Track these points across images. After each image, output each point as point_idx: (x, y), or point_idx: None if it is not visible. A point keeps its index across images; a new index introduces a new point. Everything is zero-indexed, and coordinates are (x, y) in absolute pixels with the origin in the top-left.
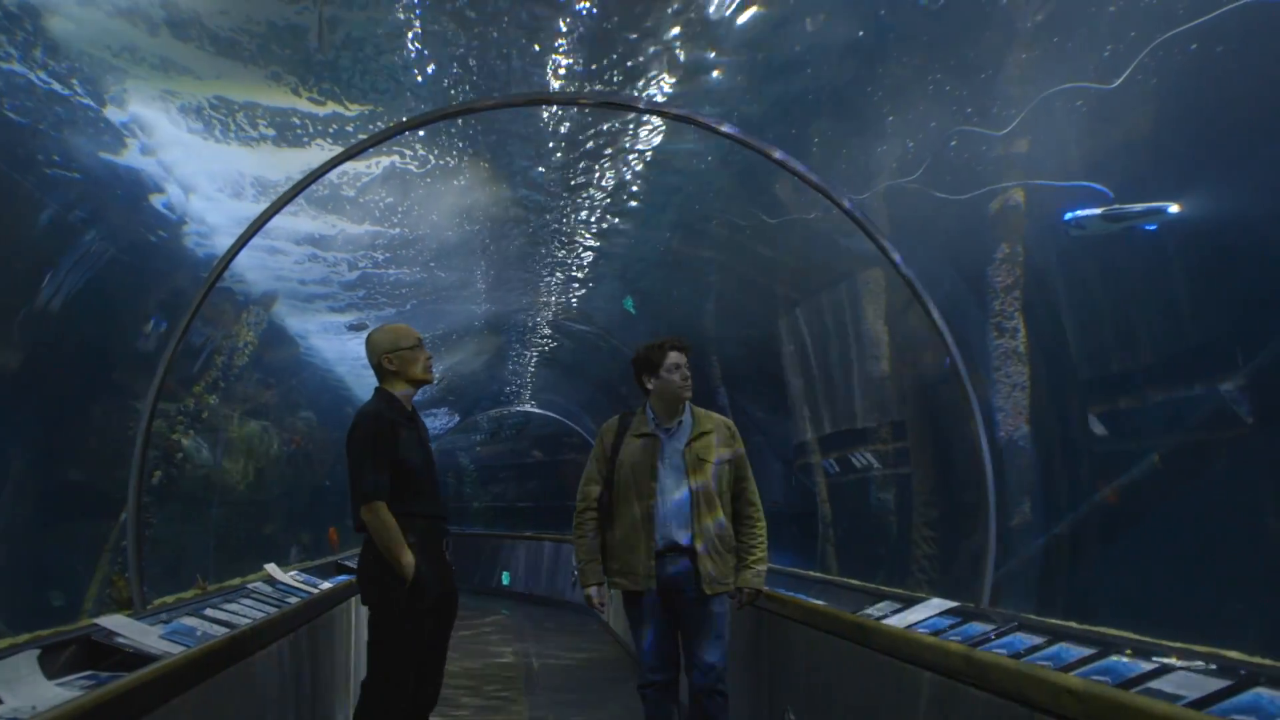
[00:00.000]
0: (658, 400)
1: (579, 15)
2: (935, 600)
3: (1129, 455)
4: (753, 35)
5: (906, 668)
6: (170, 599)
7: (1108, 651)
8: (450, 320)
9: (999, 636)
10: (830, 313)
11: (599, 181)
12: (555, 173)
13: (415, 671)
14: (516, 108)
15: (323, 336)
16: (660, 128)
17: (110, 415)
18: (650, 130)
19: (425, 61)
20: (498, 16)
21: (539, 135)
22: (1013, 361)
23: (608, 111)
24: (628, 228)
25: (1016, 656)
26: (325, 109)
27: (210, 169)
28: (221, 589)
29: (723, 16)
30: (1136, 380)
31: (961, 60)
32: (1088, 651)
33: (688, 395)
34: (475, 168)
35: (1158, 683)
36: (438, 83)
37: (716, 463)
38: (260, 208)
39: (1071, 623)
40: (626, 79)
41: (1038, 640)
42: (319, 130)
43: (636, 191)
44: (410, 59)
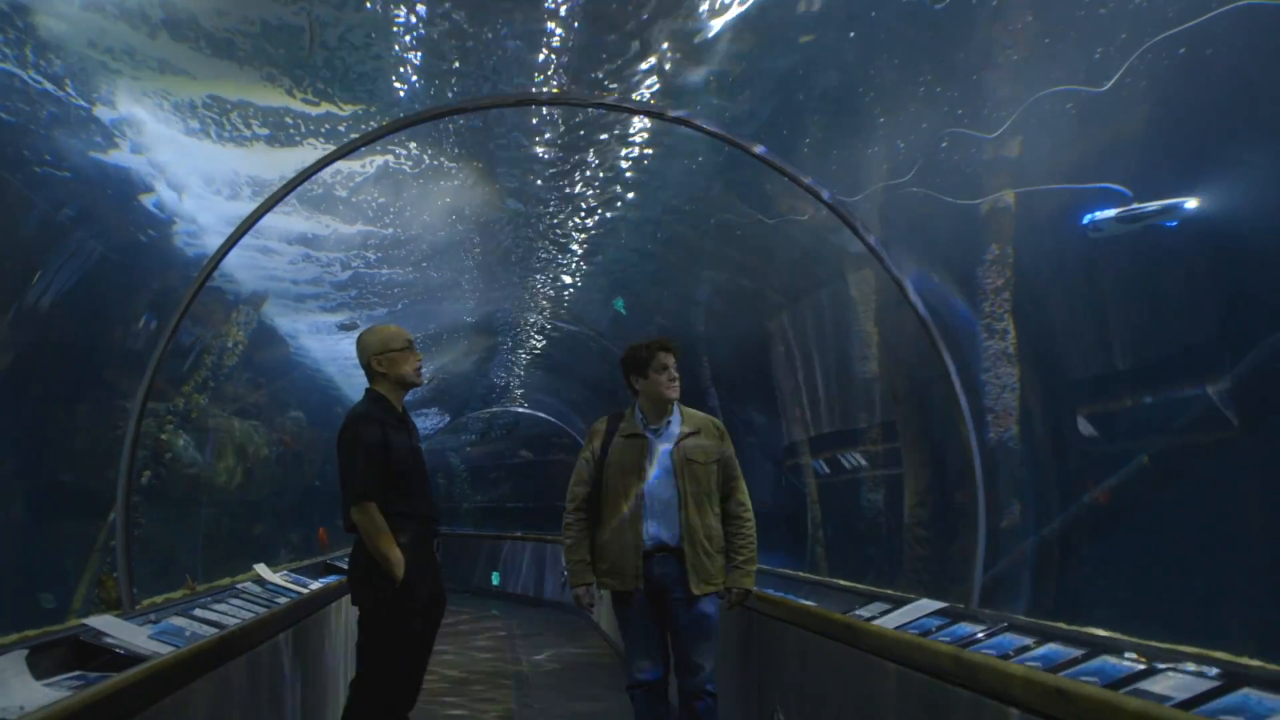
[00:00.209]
0: (646, 401)
1: (570, 16)
2: (925, 601)
3: (1118, 456)
4: (744, 36)
5: (896, 668)
6: (159, 599)
7: (1096, 652)
8: (441, 320)
9: (988, 637)
10: (820, 313)
11: (589, 182)
12: (546, 173)
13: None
14: (507, 108)
15: (313, 336)
16: (651, 128)
17: (99, 415)
18: (640, 131)
19: (418, 62)
20: (490, 18)
21: (530, 136)
22: (1003, 363)
23: (598, 112)
24: (618, 228)
25: (1005, 657)
26: (319, 109)
27: (201, 168)
28: (210, 589)
29: (713, 17)
30: (1126, 382)
31: (952, 62)
32: (1077, 652)
33: (675, 396)
34: (466, 168)
35: (1146, 683)
36: (430, 83)
37: (704, 463)
38: (251, 207)
39: (1060, 623)
40: (617, 79)
41: (1027, 641)
42: (311, 130)
43: (627, 192)
44: (403, 59)
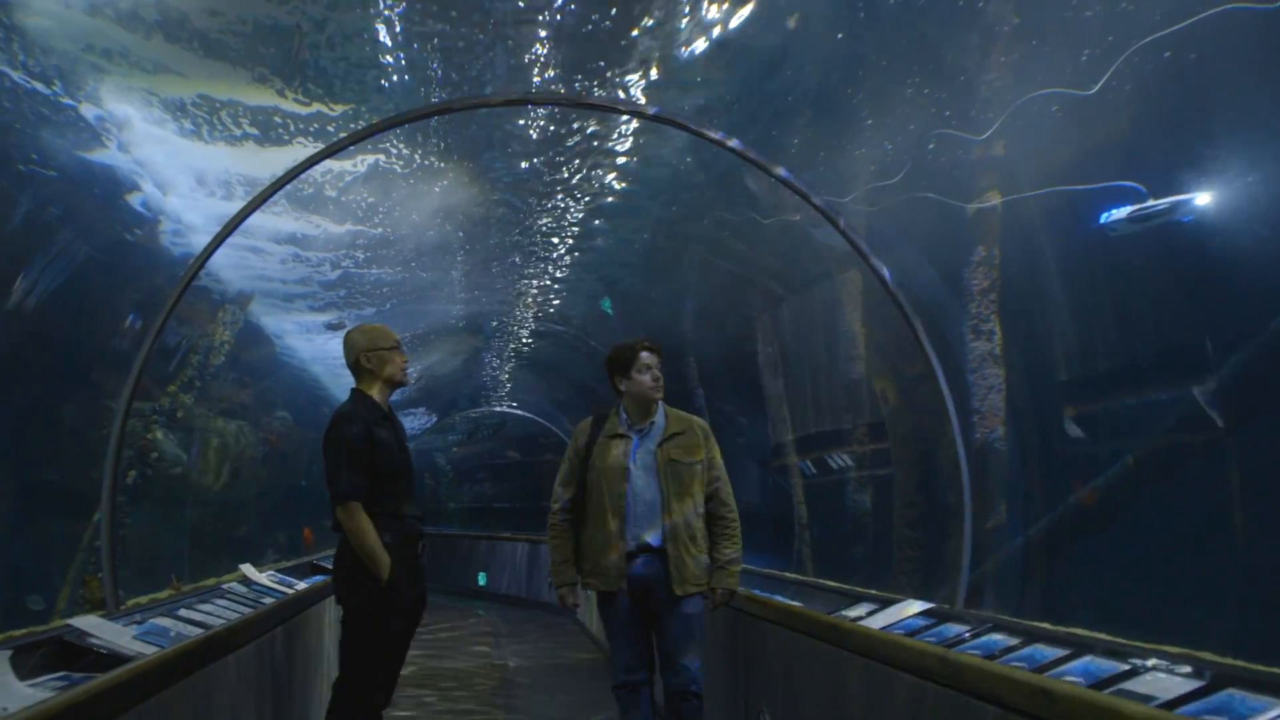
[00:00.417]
0: (630, 401)
1: (559, 18)
2: (911, 601)
3: (1104, 457)
4: (733, 37)
5: (882, 668)
6: (144, 599)
7: (1082, 652)
8: (429, 320)
9: (974, 638)
10: (808, 314)
11: (578, 182)
12: (534, 173)
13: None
14: (496, 108)
15: (299, 336)
16: (639, 129)
17: (84, 415)
18: (629, 131)
19: (407, 62)
20: (480, 18)
21: (519, 136)
22: (989, 364)
23: (586, 112)
24: (606, 229)
25: (991, 657)
26: (309, 108)
27: (189, 167)
28: (196, 589)
29: (702, 18)
30: (1111, 383)
31: (940, 64)
32: (1062, 652)
33: (659, 396)
34: (455, 168)
35: (1131, 683)
36: (419, 83)
37: (689, 463)
38: (239, 206)
39: (1045, 624)
40: (606, 80)
41: (1013, 641)
42: (301, 129)
43: (615, 192)
44: (392, 59)
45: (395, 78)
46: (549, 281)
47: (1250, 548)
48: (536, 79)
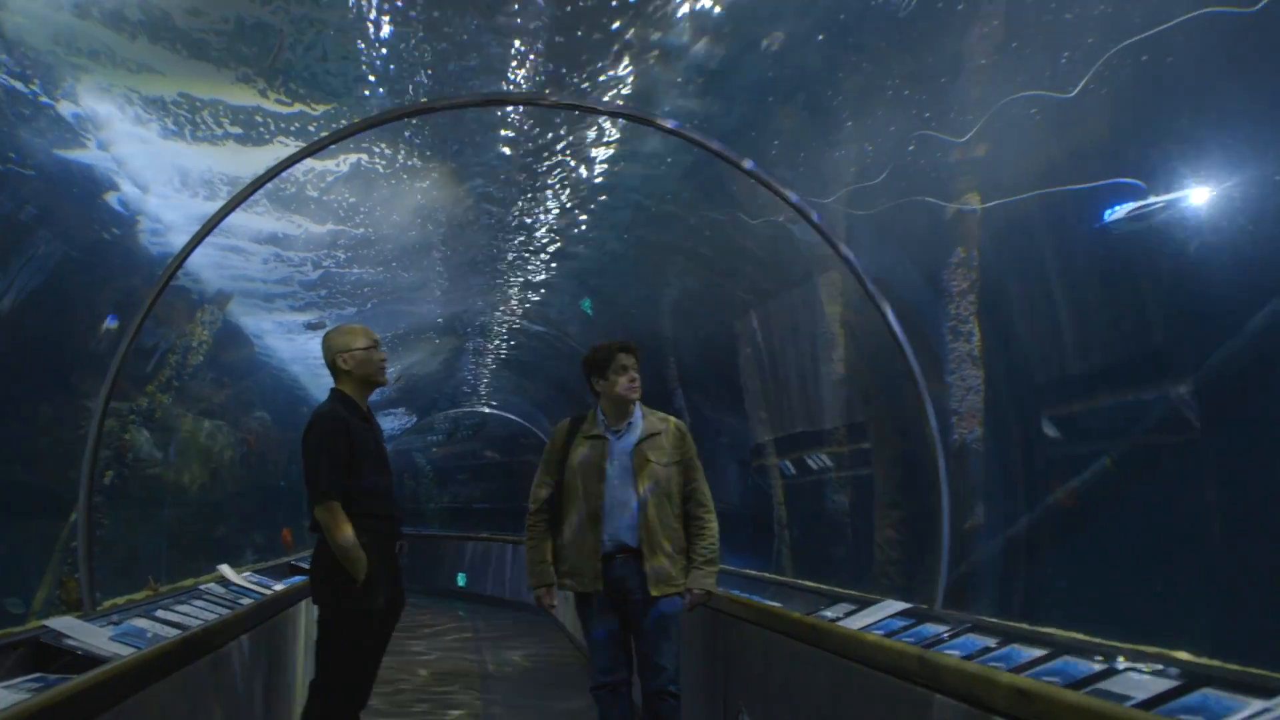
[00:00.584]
0: (607, 402)
1: (542, 18)
2: (890, 602)
3: (1082, 458)
4: (714, 38)
5: (861, 669)
6: (121, 600)
7: (1059, 653)
8: (409, 320)
9: (952, 638)
10: (788, 314)
11: (559, 183)
12: (515, 173)
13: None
14: (477, 108)
15: (278, 336)
16: (620, 129)
17: (61, 414)
18: (609, 132)
19: (390, 62)
20: (463, 18)
21: (499, 136)
22: (968, 365)
23: (567, 112)
24: (587, 229)
25: (969, 658)
26: (291, 108)
27: (170, 167)
28: (173, 590)
29: (683, 18)
30: (1089, 384)
31: (921, 65)
32: (1040, 653)
33: (635, 397)
34: (437, 168)
35: (1108, 683)
36: (402, 83)
37: (665, 464)
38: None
39: (1024, 624)
40: (588, 81)
41: (991, 642)
42: (282, 129)
43: (596, 193)
44: (374, 59)
45: (377, 78)
46: (529, 281)
47: (1227, 548)
48: (517, 79)
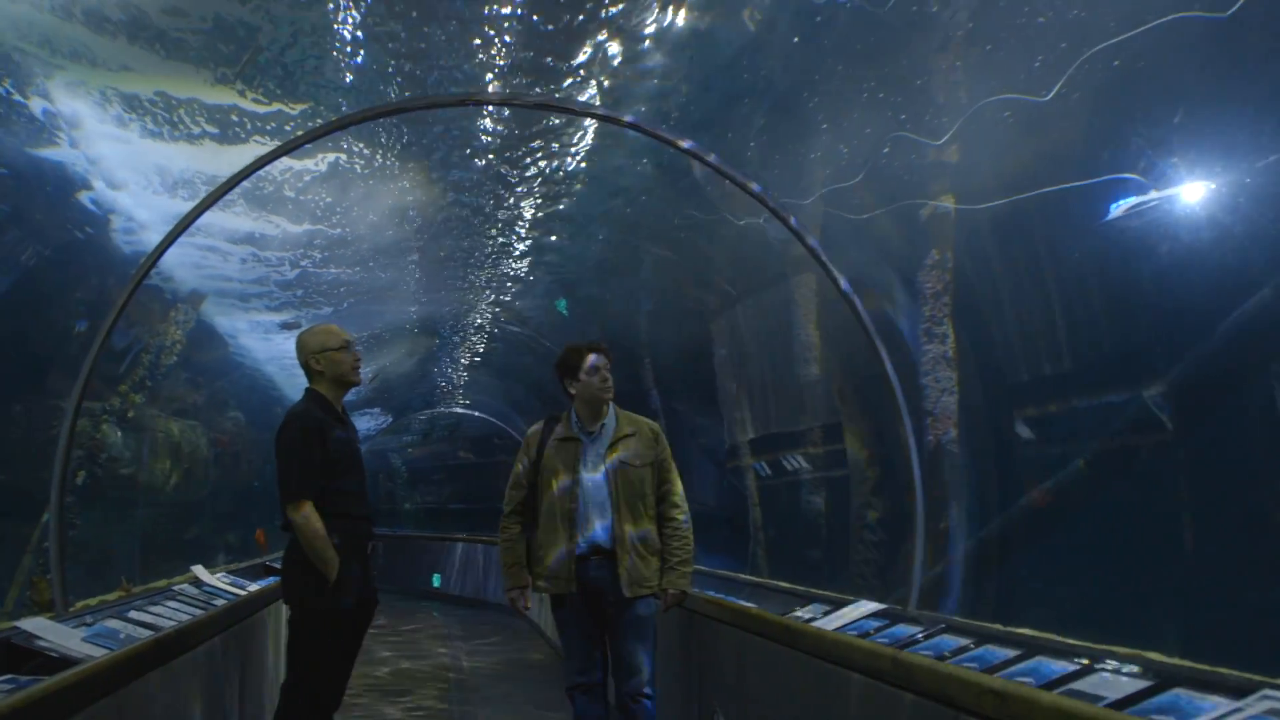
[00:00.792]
0: (580, 403)
1: (516, 19)
2: (864, 603)
3: (1056, 459)
4: (689, 40)
5: (835, 669)
6: (93, 601)
7: (1032, 653)
8: (385, 320)
9: (926, 638)
10: (764, 315)
11: (534, 183)
12: (491, 174)
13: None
14: (453, 108)
15: (252, 336)
16: (596, 130)
17: (33, 414)
18: (586, 133)
19: (366, 62)
20: (439, 19)
21: (476, 137)
22: (942, 366)
23: (544, 113)
24: (562, 230)
25: (943, 658)
26: (269, 107)
27: (143, 165)
28: (147, 591)
29: (659, 20)
30: (1062, 386)
31: (896, 68)
32: (1013, 653)
33: (608, 397)
34: (413, 168)
35: (1080, 684)
36: (379, 83)
37: (639, 465)
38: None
39: (997, 625)
40: (562, 81)
41: (964, 642)
42: (258, 127)
43: (571, 194)
44: (352, 59)
45: (354, 77)
46: (504, 282)
47: (1198, 550)
48: (494, 81)
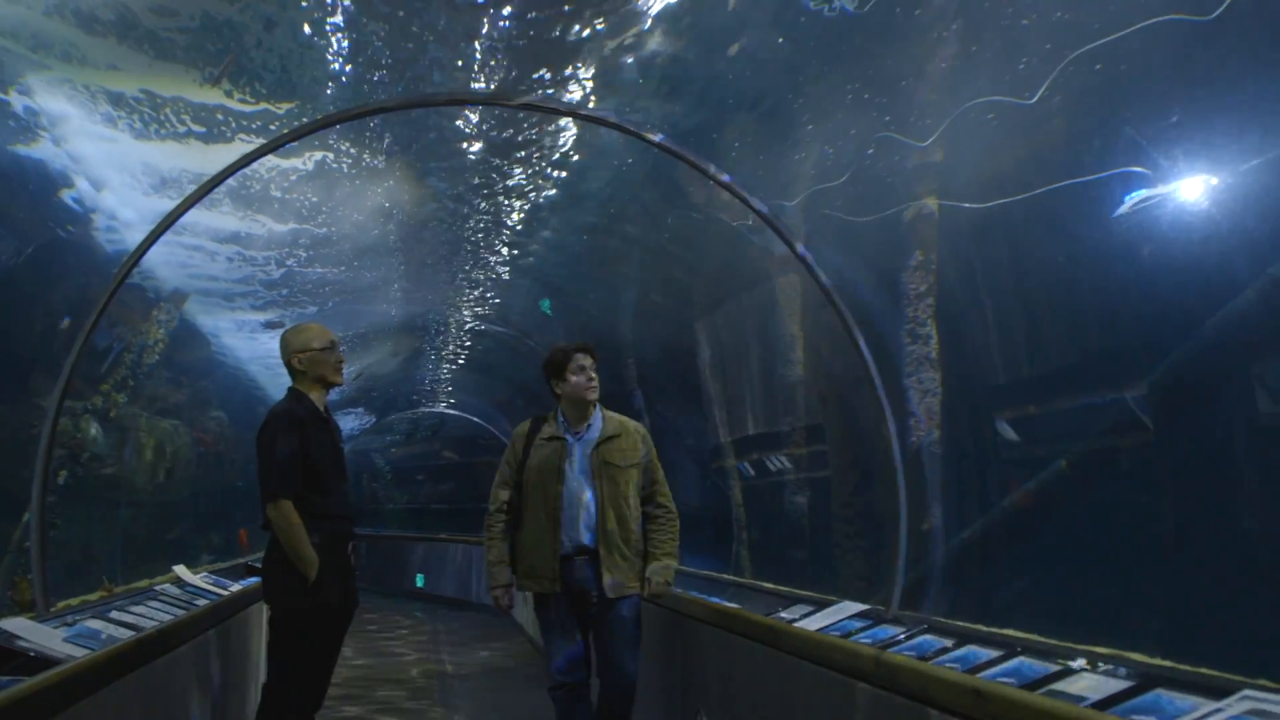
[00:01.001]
0: (567, 404)
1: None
2: (847, 603)
3: (1038, 460)
4: (674, 40)
5: (818, 670)
6: (75, 601)
7: (1014, 654)
8: (369, 320)
9: (909, 639)
10: (747, 316)
11: (517, 183)
12: (474, 174)
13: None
14: (438, 107)
15: (235, 335)
16: (580, 130)
17: (15, 414)
18: (569, 133)
19: (352, 61)
20: (424, 18)
21: (460, 136)
22: (925, 367)
23: (528, 113)
24: (547, 230)
25: (925, 659)
26: (255, 106)
27: (127, 164)
28: (128, 591)
29: (645, 21)
30: (1045, 387)
31: (880, 69)
32: (995, 654)
33: (593, 398)
34: (397, 168)
35: (1062, 684)
36: (365, 82)
37: (624, 466)
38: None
39: (979, 625)
40: (548, 81)
41: (946, 643)
42: (244, 126)
43: (556, 194)
44: (338, 58)
45: (341, 77)
46: (489, 282)
47: (1179, 551)
48: (478, 80)
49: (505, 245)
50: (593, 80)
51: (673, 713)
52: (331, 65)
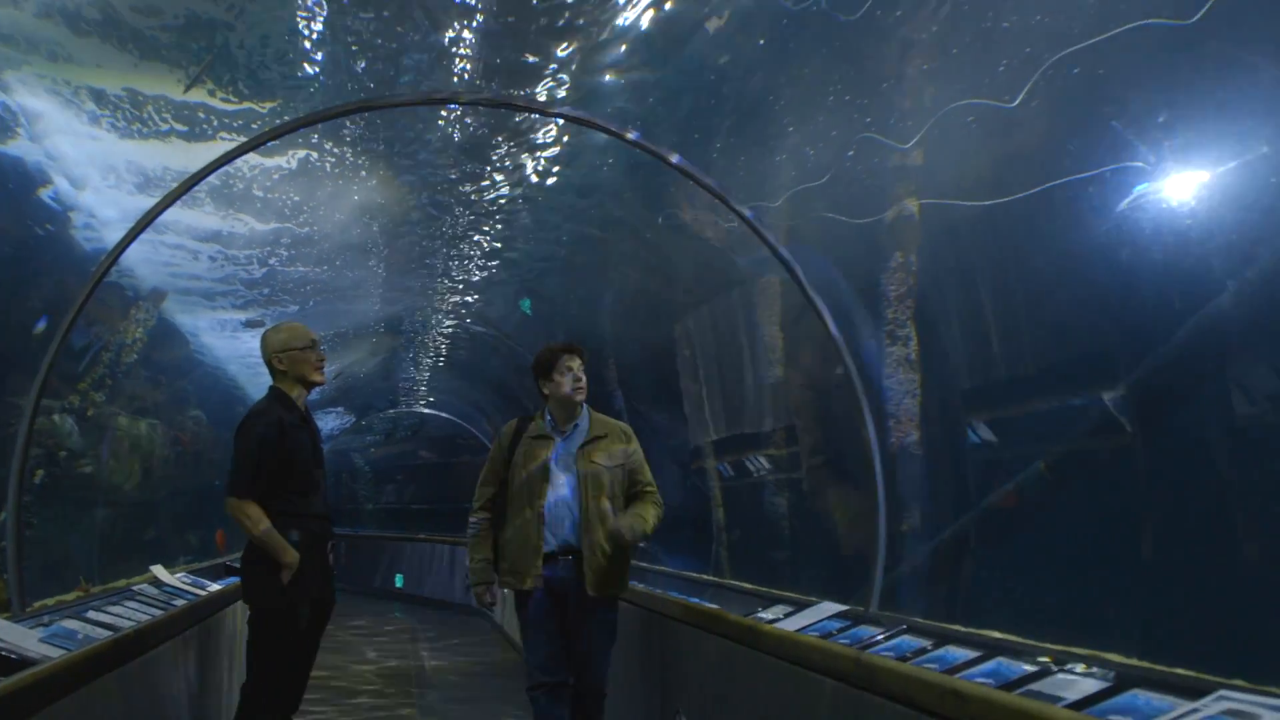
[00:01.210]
0: (554, 404)
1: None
2: (826, 604)
3: (1017, 462)
4: (655, 41)
5: (798, 671)
6: (51, 601)
7: (993, 654)
8: (350, 319)
9: (888, 640)
10: (727, 316)
11: (499, 183)
12: (455, 173)
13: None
14: (417, 107)
15: (214, 334)
16: (561, 130)
17: None
18: (551, 133)
19: (334, 60)
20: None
21: (440, 136)
22: (905, 369)
23: (508, 113)
24: (527, 230)
25: (904, 659)
26: (238, 105)
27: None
28: (105, 591)
29: (626, 22)
30: (1024, 389)
31: (861, 71)
32: (973, 654)
33: (580, 399)
34: (377, 167)
35: (1040, 685)
36: (347, 81)
37: (610, 467)
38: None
39: (958, 626)
40: (528, 82)
41: (925, 643)
42: (226, 124)
43: (537, 193)
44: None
45: (324, 76)
46: (469, 282)
47: (1156, 553)
48: (458, 80)
49: (485, 244)
50: (572, 80)
51: (652, 714)
52: (314, 64)
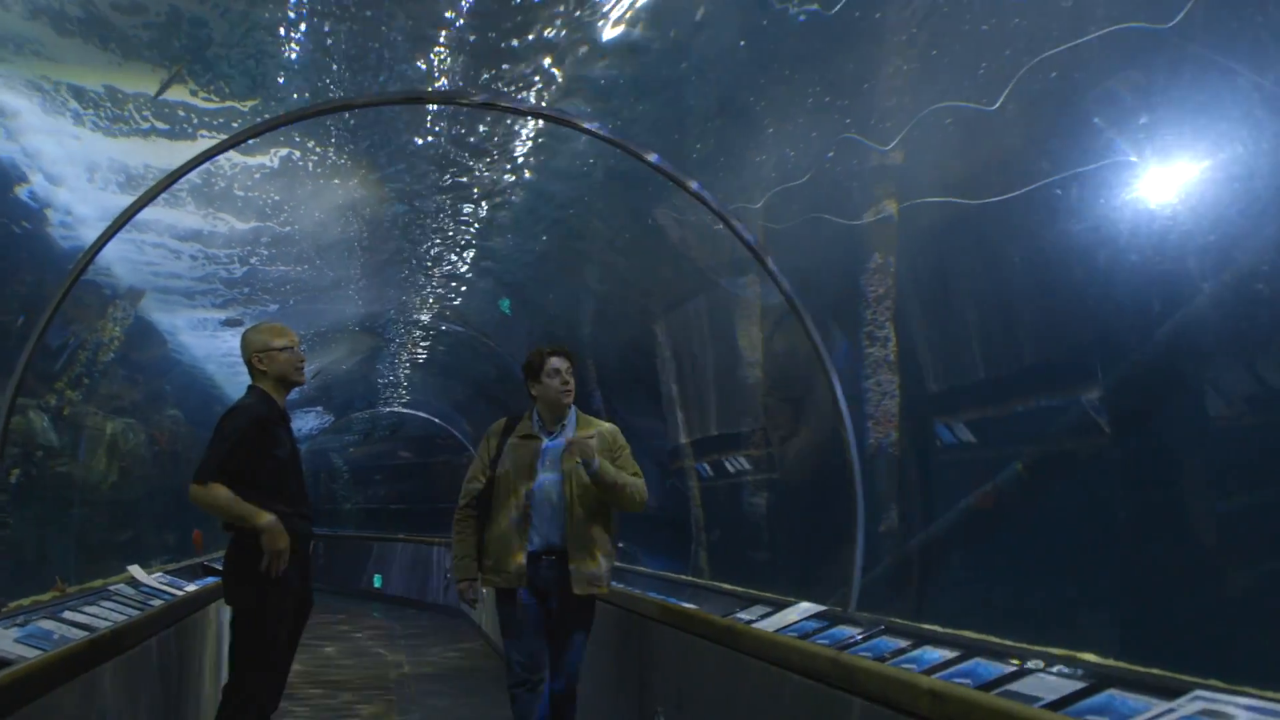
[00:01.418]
0: (542, 404)
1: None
2: (804, 604)
3: (995, 462)
4: (636, 41)
5: (776, 671)
6: (27, 601)
7: (970, 655)
8: (329, 319)
9: (866, 640)
10: (707, 317)
11: (478, 183)
12: (435, 173)
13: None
14: (396, 105)
15: (192, 333)
16: (541, 131)
17: None
18: (531, 133)
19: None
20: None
21: (421, 135)
22: (884, 370)
23: (489, 113)
24: (506, 230)
25: (882, 659)
26: (219, 104)
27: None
28: (82, 591)
29: (606, 21)
30: (1002, 390)
31: (841, 73)
32: (951, 654)
33: (567, 400)
34: (359, 166)
35: (1017, 685)
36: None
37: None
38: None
39: (936, 626)
40: (509, 81)
41: (903, 644)
42: (207, 123)
43: (516, 194)
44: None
45: (305, 74)
46: (448, 282)
47: (1133, 553)
48: (440, 79)
49: (466, 244)
50: (554, 80)
51: (631, 714)
52: (295, 63)
